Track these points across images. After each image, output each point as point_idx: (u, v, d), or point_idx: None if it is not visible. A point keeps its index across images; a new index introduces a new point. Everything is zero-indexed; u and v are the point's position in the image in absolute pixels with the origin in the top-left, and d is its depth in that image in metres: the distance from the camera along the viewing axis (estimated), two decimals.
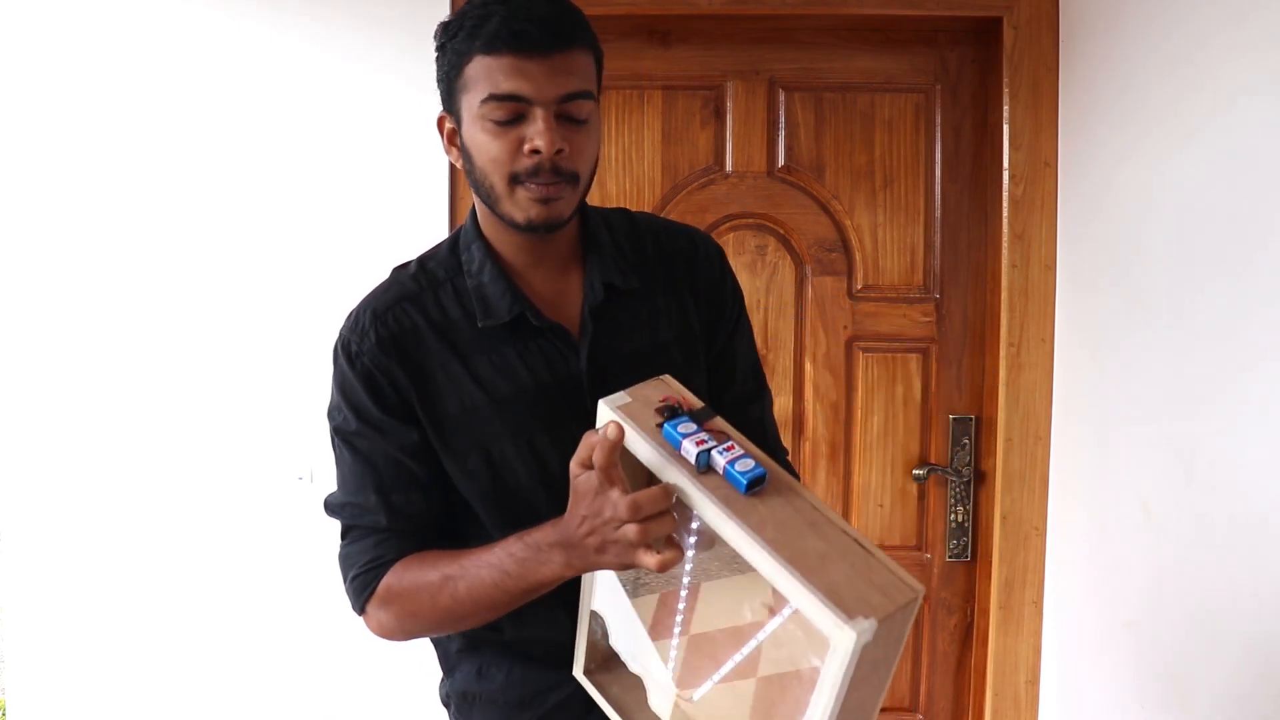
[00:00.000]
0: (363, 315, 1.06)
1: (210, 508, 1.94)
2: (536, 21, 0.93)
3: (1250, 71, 1.35)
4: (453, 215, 1.93)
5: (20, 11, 1.89)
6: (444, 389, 1.03)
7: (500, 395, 1.03)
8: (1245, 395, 1.35)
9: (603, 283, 1.07)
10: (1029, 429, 1.94)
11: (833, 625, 0.74)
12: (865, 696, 0.82)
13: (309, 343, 1.91)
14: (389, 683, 1.95)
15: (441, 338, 1.04)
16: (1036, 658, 1.97)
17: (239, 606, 1.96)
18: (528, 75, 0.94)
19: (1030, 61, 1.92)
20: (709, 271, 1.16)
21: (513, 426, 1.03)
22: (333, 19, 1.91)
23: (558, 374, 1.05)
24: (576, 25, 0.97)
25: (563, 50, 0.95)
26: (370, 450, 1.04)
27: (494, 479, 1.04)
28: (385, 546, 1.04)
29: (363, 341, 1.03)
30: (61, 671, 1.96)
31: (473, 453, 1.04)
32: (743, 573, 0.82)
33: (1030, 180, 1.93)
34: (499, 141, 0.96)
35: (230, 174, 1.92)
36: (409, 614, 1.02)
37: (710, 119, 2.07)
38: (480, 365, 1.04)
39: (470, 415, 1.03)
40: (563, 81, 0.95)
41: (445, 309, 1.06)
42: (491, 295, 1.04)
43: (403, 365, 1.03)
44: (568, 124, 0.97)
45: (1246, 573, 1.35)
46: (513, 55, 0.94)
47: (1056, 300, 1.93)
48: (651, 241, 1.15)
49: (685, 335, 1.13)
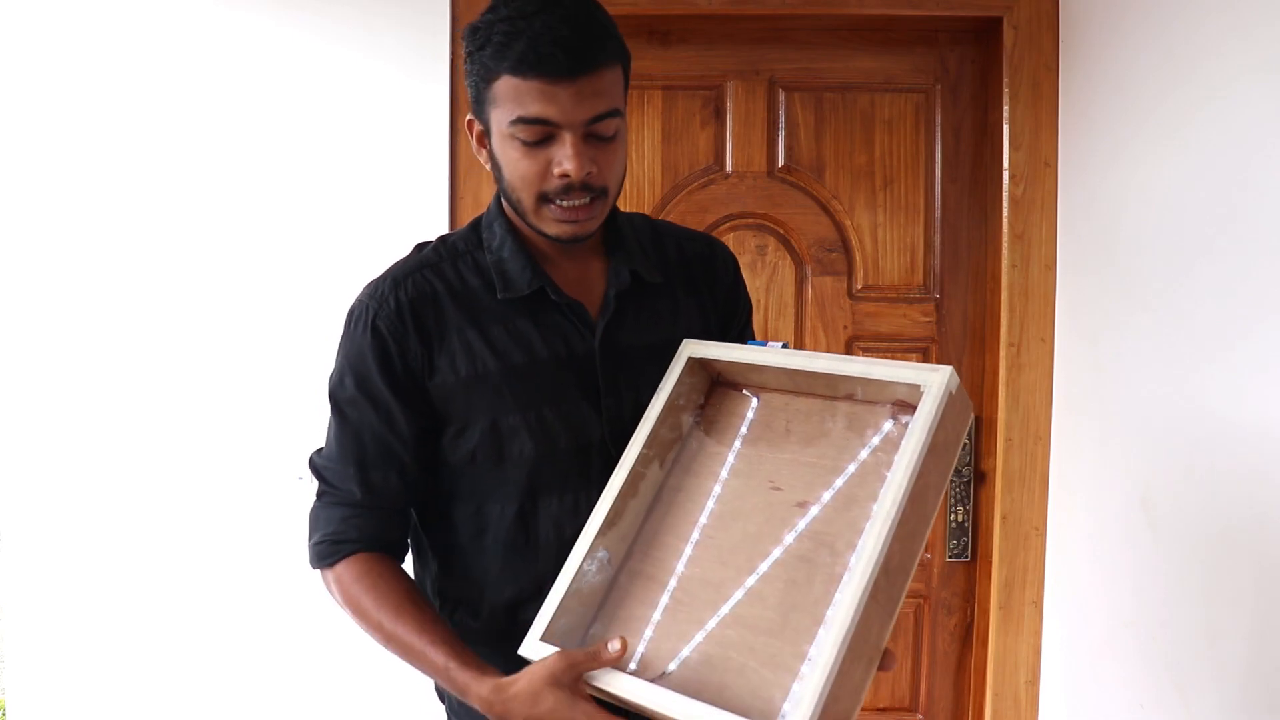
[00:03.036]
0: (382, 283, 1.07)
1: (210, 507, 1.94)
2: (564, 46, 0.93)
3: (1250, 71, 1.35)
4: (453, 216, 1.93)
5: (17, 5, 1.89)
6: (457, 354, 1.04)
7: (512, 364, 1.04)
8: (1245, 395, 1.35)
9: (629, 271, 1.09)
10: (1029, 429, 1.94)
11: (925, 371, 0.90)
12: (929, 490, 0.89)
13: (309, 342, 1.91)
14: (388, 681, 1.95)
15: (459, 304, 1.05)
16: (1036, 658, 1.97)
17: (239, 606, 1.95)
18: (555, 100, 0.94)
19: (1030, 61, 1.92)
20: (726, 278, 1.21)
21: (523, 397, 1.04)
22: (330, 11, 1.91)
23: (573, 350, 1.06)
24: (603, 42, 0.97)
25: (589, 73, 0.95)
26: (360, 422, 1.05)
27: (497, 449, 1.05)
28: (351, 524, 1.06)
29: (380, 307, 1.04)
30: (61, 671, 1.96)
31: (479, 421, 1.04)
32: (774, 489, 0.98)
33: (1030, 180, 1.93)
34: (528, 161, 0.98)
35: (231, 174, 1.92)
36: (348, 610, 1.06)
37: (710, 119, 2.07)
38: (496, 333, 1.05)
39: (480, 382, 1.04)
40: (590, 104, 0.96)
41: (464, 278, 1.07)
42: (511, 269, 1.06)
43: (418, 330, 1.04)
44: (596, 142, 0.98)
45: (1246, 572, 1.35)
46: (540, 80, 0.94)
47: (1056, 300, 1.92)
48: (672, 244, 1.18)
49: (701, 337, 1.15)
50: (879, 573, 0.83)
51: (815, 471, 0.97)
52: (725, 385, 1.10)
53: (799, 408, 1.02)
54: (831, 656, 0.79)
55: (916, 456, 0.87)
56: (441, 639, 0.98)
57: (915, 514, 0.88)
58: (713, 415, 1.08)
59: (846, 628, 0.80)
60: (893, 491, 0.86)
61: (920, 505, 0.88)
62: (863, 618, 0.81)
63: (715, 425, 1.07)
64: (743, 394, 1.07)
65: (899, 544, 0.85)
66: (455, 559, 1.11)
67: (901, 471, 0.87)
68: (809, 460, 0.98)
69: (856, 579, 0.83)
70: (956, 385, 0.91)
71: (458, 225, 1.92)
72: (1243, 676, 1.37)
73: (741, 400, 1.07)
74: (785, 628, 0.89)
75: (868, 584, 0.82)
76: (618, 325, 1.09)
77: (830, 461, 0.97)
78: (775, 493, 0.98)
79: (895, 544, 0.85)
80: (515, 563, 1.07)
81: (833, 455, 0.97)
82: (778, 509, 0.97)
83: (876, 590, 0.83)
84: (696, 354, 1.07)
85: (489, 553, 1.08)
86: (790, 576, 0.92)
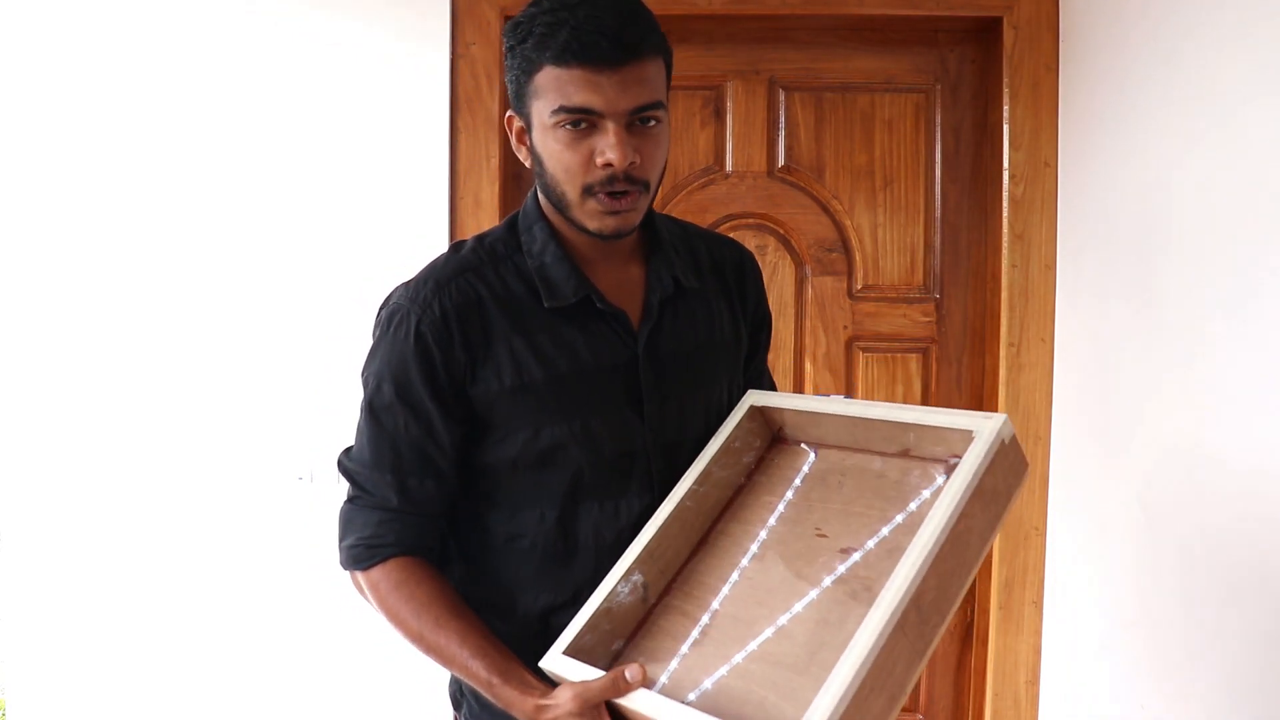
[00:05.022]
0: (423, 287, 1.04)
1: (210, 508, 1.94)
2: (608, 34, 0.93)
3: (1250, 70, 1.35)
4: (453, 216, 1.93)
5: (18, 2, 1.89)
6: (503, 362, 1.02)
7: (559, 373, 1.03)
8: (1245, 394, 1.35)
9: (671, 277, 1.09)
10: (1029, 429, 1.94)
11: (979, 417, 0.90)
12: (972, 534, 0.88)
13: (309, 342, 1.91)
14: (389, 682, 1.95)
15: (504, 311, 1.03)
16: (1036, 658, 1.97)
17: (239, 606, 1.95)
18: (599, 89, 0.94)
19: (1030, 61, 1.92)
20: (755, 286, 1.22)
21: (569, 407, 1.03)
22: (330, 11, 1.91)
23: (616, 358, 1.05)
24: (646, 33, 0.97)
25: (633, 62, 0.95)
26: (397, 429, 1.03)
27: (541, 456, 1.04)
28: (388, 527, 1.04)
29: (424, 313, 1.01)
30: (61, 671, 1.96)
31: (522, 429, 1.03)
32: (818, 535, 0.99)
33: (1030, 180, 1.93)
34: (571, 152, 0.97)
35: (231, 174, 1.92)
36: (383, 613, 1.04)
37: (710, 119, 2.07)
38: (542, 342, 1.03)
39: (526, 391, 1.02)
40: (635, 93, 0.95)
41: (507, 283, 1.05)
42: (555, 277, 1.04)
43: (464, 337, 1.02)
44: (639, 134, 0.97)
45: (1246, 572, 1.35)
46: (583, 68, 0.94)
47: (1056, 300, 1.92)
48: (703, 248, 1.18)
49: (734, 340, 1.17)
50: (909, 604, 0.81)
51: (863, 521, 0.97)
52: (784, 441, 1.11)
53: (854, 462, 1.03)
54: (848, 677, 0.77)
55: (960, 494, 0.86)
56: (484, 650, 0.98)
57: (955, 554, 0.86)
58: (769, 468, 1.09)
59: (867, 651, 0.78)
60: (932, 525, 0.85)
61: (961, 548, 0.86)
62: (886, 646, 0.79)
63: (770, 478, 1.08)
64: (800, 448, 1.08)
65: (934, 580, 0.83)
66: (486, 563, 1.10)
67: (943, 508, 0.86)
68: (858, 510, 0.98)
69: (884, 605, 0.81)
70: (1011, 435, 0.91)
71: (458, 225, 1.92)
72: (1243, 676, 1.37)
73: (799, 454, 1.08)
74: (811, 664, 0.86)
75: (895, 612, 0.80)
76: (659, 331, 1.08)
77: (878, 512, 0.97)
78: (820, 539, 0.98)
79: (930, 579, 0.83)
80: (552, 568, 1.06)
81: (881, 506, 0.97)
82: (820, 554, 0.96)
83: (905, 622, 0.81)
84: (758, 403, 1.09)
85: (524, 557, 1.07)
86: (823, 616, 0.90)
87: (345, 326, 1.88)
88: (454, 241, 1.15)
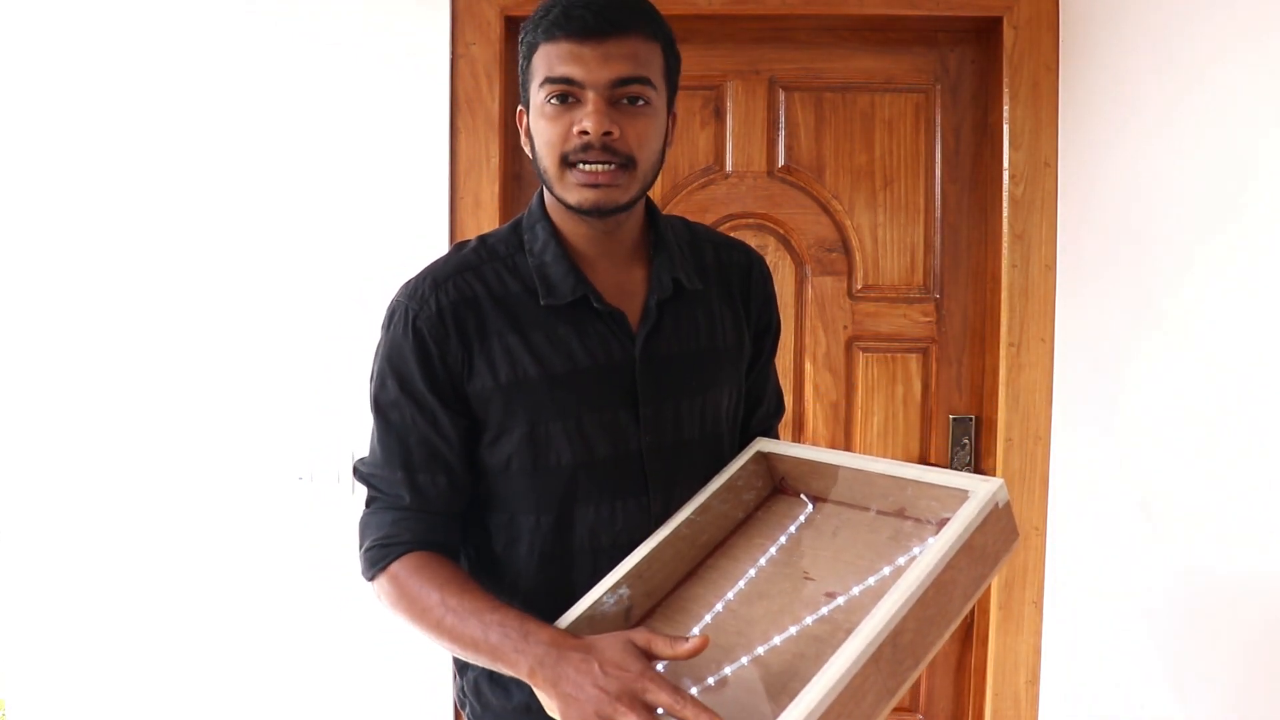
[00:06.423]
0: (422, 284, 1.05)
1: (210, 507, 1.94)
2: (593, 8, 0.95)
3: (1250, 70, 1.35)
4: (453, 216, 1.93)
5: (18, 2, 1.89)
6: (497, 359, 1.03)
7: (553, 371, 1.03)
8: (1245, 394, 1.35)
9: (671, 279, 1.09)
10: (1029, 429, 1.94)
11: (976, 479, 0.93)
12: (956, 585, 0.89)
13: (310, 342, 1.91)
14: (390, 683, 1.95)
15: (500, 308, 1.04)
16: (1036, 658, 1.97)
17: (239, 606, 1.95)
18: (580, 59, 0.96)
19: (1030, 61, 1.92)
20: (762, 289, 1.21)
21: (562, 404, 1.04)
22: (330, 11, 1.91)
23: (612, 358, 1.05)
24: (637, 13, 0.98)
25: (618, 35, 0.96)
26: (403, 424, 1.03)
27: (535, 455, 1.04)
28: (402, 525, 1.04)
29: (421, 309, 1.03)
30: (61, 671, 1.96)
31: (516, 427, 1.04)
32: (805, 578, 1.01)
33: (1030, 180, 1.93)
34: (553, 125, 0.98)
35: (231, 175, 1.92)
36: (402, 609, 1.02)
37: (710, 119, 2.07)
38: (537, 340, 1.04)
39: (520, 388, 1.03)
40: (616, 66, 0.96)
41: (505, 282, 1.06)
42: (554, 275, 1.05)
43: (459, 334, 1.03)
44: (624, 110, 0.98)
45: (1246, 572, 1.35)
46: (568, 40, 0.96)
47: (1056, 300, 1.92)
48: (710, 250, 1.17)
49: (736, 346, 1.16)
50: (887, 639, 0.81)
51: (851, 569, 0.99)
52: (785, 490, 1.13)
53: (849, 517, 1.06)
54: (817, 697, 0.76)
55: (951, 543, 0.88)
56: (510, 607, 0.96)
57: (937, 600, 0.86)
58: (767, 514, 1.11)
59: (841, 674, 0.78)
60: (919, 567, 0.86)
61: (944, 596, 0.87)
62: (860, 674, 0.79)
63: (767, 523, 1.10)
64: (800, 499, 1.11)
65: (914, 622, 0.84)
66: (489, 566, 1.10)
67: (933, 553, 0.87)
68: (847, 559, 1.00)
69: (863, 634, 0.82)
70: (1005, 500, 0.92)
71: (458, 225, 1.92)
72: (1242, 677, 1.37)
73: (797, 505, 1.11)
74: (782, 693, 0.87)
75: (873, 643, 0.80)
76: (657, 333, 1.08)
77: (867, 563, 0.99)
78: (807, 582, 1.00)
79: (910, 619, 0.83)
80: (550, 572, 1.07)
81: (870, 558, 0.99)
82: (805, 595, 0.98)
83: (880, 655, 0.81)
84: (765, 449, 1.13)
85: (524, 561, 1.07)
86: (800, 650, 0.92)
87: (345, 326, 1.88)
88: (456, 241, 1.15)
